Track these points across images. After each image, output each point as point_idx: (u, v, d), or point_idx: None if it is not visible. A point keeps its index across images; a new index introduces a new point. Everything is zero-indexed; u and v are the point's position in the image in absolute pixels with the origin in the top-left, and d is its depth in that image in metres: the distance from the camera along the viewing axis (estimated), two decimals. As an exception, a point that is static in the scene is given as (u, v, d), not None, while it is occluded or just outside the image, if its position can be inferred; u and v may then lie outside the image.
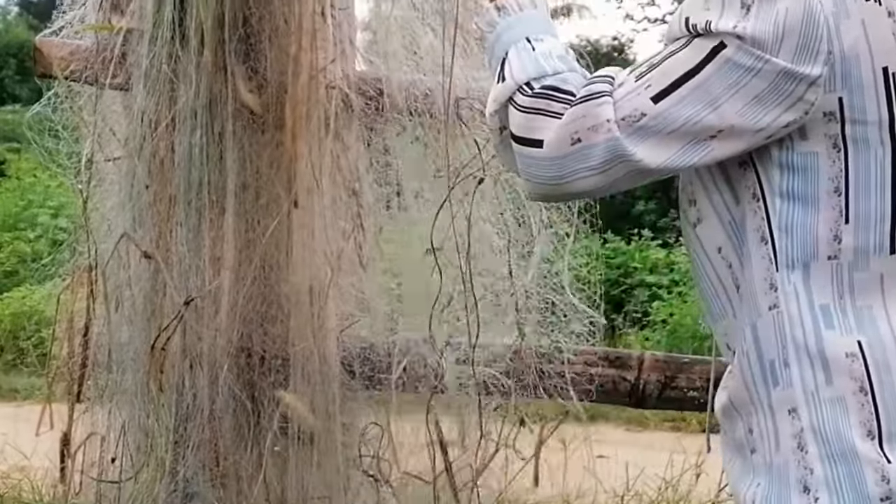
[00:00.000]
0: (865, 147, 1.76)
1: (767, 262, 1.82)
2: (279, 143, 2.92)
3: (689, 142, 1.77)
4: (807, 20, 1.71)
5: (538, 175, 1.85)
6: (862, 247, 1.78)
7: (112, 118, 3.17)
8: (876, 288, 1.80)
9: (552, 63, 1.89)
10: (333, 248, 3.03)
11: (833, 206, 1.77)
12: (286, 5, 2.86)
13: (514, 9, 2.00)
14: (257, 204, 2.96)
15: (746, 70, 1.73)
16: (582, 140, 1.78)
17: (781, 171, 1.80)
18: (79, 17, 3.13)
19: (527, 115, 1.84)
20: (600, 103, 1.78)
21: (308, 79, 2.87)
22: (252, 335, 3.04)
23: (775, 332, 1.82)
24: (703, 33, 1.75)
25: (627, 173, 1.80)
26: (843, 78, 1.73)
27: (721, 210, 1.89)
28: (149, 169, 2.98)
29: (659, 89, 1.77)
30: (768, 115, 1.75)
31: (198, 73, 2.88)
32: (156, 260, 2.98)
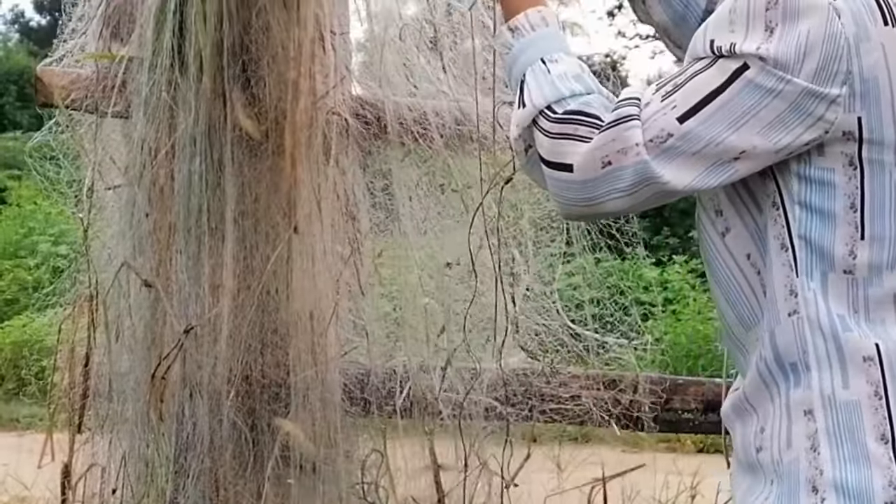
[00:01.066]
0: (881, 168, 1.79)
1: (788, 268, 1.85)
2: (279, 168, 2.92)
3: (713, 163, 1.81)
4: (828, 40, 1.74)
5: (570, 197, 1.89)
6: (876, 263, 1.81)
7: (112, 146, 3.17)
8: (889, 304, 1.83)
9: (569, 85, 1.92)
10: (333, 273, 3.02)
11: (849, 222, 1.81)
12: (285, 31, 2.86)
13: (527, 29, 2.02)
14: (257, 230, 2.95)
15: (768, 91, 1.76)
16: (612, 163, 1.82)
17: (800, 182, 1.84)
18: (79, 46, 3.13)
19: (554, 141, 1.87)
20: (629, 127, 1.81)
21: (308, 104, 2.87)
22: (252, 363, 3.03)
23: (795, 337, 1.85)
24: (727, 55, 1.78)
25: (655, 194, 1.84)
26: (863, 98, 1.76)
27: (747, 219, 1.92)
28: (149, 197, 2.98)
29: (685, 109, 1.80)
30: (789, 134, 1.78)
31: (197, 100, 2.88)
32: (156, 288, 2.98)
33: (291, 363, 3.04)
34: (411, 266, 3.25)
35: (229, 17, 2.85)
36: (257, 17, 2.88)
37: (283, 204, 2.94)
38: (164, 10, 2.89)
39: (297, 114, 2.86)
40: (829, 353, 1.81)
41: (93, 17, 3.09)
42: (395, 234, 3.25)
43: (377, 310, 3.26)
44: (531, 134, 1.92)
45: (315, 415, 3.05)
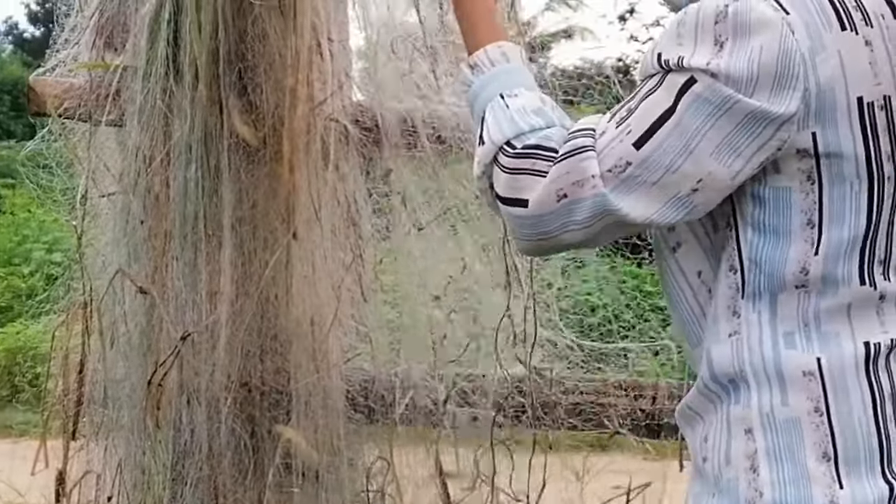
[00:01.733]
0: (840, 180, 1.75)
1: (734, 290, 1.82)
2: (277, 175, 2.91)
3: (673, 196, 1.76)
4: (782, 58, 1.70)
5: (525, 233, 1.85)
6: (830, 277, 1.77)
7: (106, 154, 3.16)
8: (843, 316, 1.79)
9: (528, 119, 1.88)
10: (335, 279, 3.02)
11: (805, 239, 1.77)
12: (282, 39, 2.86)
13: (487, 65, 1.99)
14: (255, 237, 2.95)
15: (717, 107, 1.72)
16: (568, 196, 1.78)
17: (754, 203, 1.80)
18: (72, 56, 3.12)
19: (512, 176, 1.84)
20: (584, 158, 1.77)
21: (305, 111, 2.86)
22: (252, 369, 3.03)
23: (733, 357, 1.82)
24: (675, 69, 1.74)
25: (611, 225, 1.80)
26: (818, 113, 1.72)
27: (700, 235, 1.89)
28: (144, 204, 2.97)
29: (639, 134, 1.76)
30: (740, 158, 1.74)
31: (192, 108, 2.87)
32: (152, 295, 2.97)
33: (292, 370, 3.03)
34: (415, 272, 3.24)
35: (225, 25, 2.84)
36: (253, 25, 2.88)
37: (281, 210, 2.93)
38: (158, 20, 2.88)
39: (294, 120, 2.85)
40: (768, 371, 1.79)
41: (86, 27, 3.08)
42: (397, 240, 3.24)
43: (381, 316, 3.24)
44: (492, 173, 1.88)
45: (317, 422, 3.04)
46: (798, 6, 1.72)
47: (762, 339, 1.80)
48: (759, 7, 1.72)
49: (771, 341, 1.79)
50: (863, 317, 1.79)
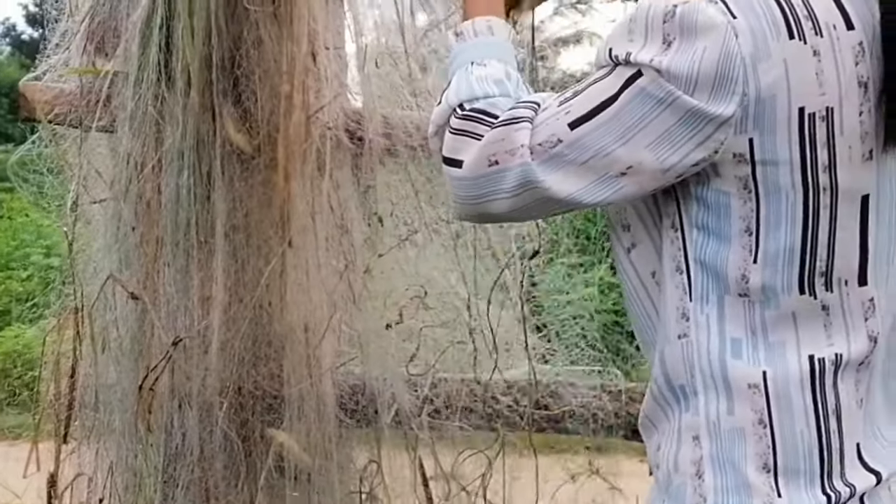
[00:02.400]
0: (776, 188, 1.75)
1: (682, 291, 1.84)
2: (271, 183, 2.91)
3: (600, 176, 1.78)
4: (723, 61, 1.71)
5: (458, 195, 1.88)
6: (770, 286, 1.78)
7: (98, 160, 3.16)
8: (789, 325, 1.80)
9: (485, 87, 1.91)
10: (328, 286, 3.02)
11: (743, 246, 1.78)
12: (278, 45, 2.85)
13: (470, 35, 2.03)
14: (248, 244, 2.95)
15: (658, 102, 1.74)
16: (499, 163, 1.81)
17: (698, 204, 1.81)
18: (63, 61, 3.12)
19: (454, 136, 1.88)
20: (519, 128, 1.80)
21: (301, 118, 2.86)
22: (245, 374, 3.03)
23: (684, 361, 1.84)
24: (623, 63, 1.76)
25: (538, 200, 1.82)
26: (756, 119, 1.72)
27: (654, 235, 1.91)
28: (135, 211, 2.97)
29: (577, 116, 1.79)
30: (676, 153, 1.75)
31: (184, 115, 2.87)
32: (143, 301, 2.97)
33: (286, 375, 3.04)
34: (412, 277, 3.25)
35: (218, 31, 2.84)
36: (248, 31, 2.87)
37: (275, 218, 2.93)
38: (149, 25, 2.88)
39: (290, 128, 2.85)
40: (716, 379, 1.80)
41: (76, 32, 3.07)
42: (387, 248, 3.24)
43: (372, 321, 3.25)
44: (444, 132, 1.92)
45: (310, 426, 3.05)
46: (747, 12, 1.73)
47: (710, 344, 1.82)
48: (707, 10, 1.73)
49: (718, 347, 1.81)
50: (809, 327, 1.80)
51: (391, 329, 3.23)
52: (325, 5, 2.99)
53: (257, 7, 2.86)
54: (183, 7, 2.84)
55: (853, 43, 1.76)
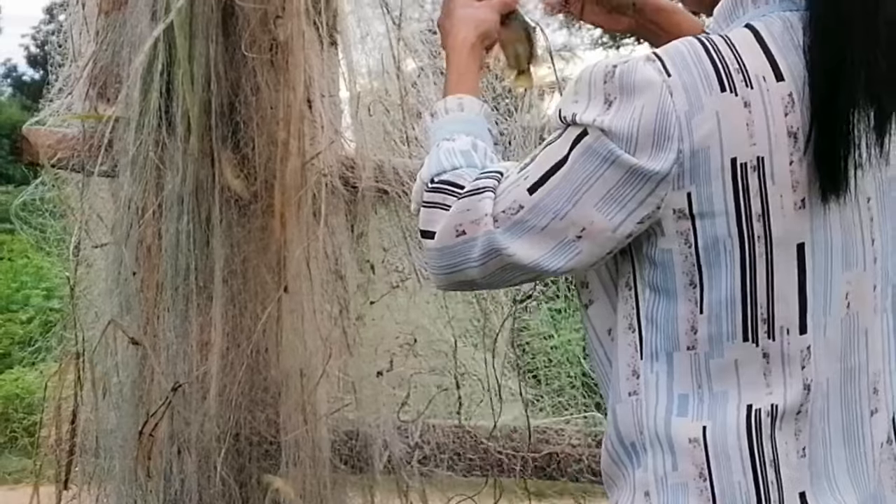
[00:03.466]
0: (714, 240, 1.78)
1: (633, 349, 1.87)
2: (268, 228, 2.93)
3: (559, 241, 1.82)
4: (659, 119, 1.74)
5: (433, 265, 1.93)
6: (716, 335, 1.80)
7: (99, 205, 3.18)
8: (731, 374, 1.82)
9: (451, 159, 1.97)
10: (323, 332, 3.03)
11: (689, 299, 1.81)
12: (274, 93, 2.88)
13: (442, 113, 2.10)
14: (246, 289, 2.96)
15: (603, 160, 1.77)
16: (466, 232, 1.86)
17: (648, 264, 1.85)
18: (65, 106, 3.14)
19: (425, 209, 1.93)
20: (482, 198, 1.85)
21: (297, 165, 2.88)
22: (242, 420, 3.04)
23: (633, 418, 1.87)
24: (571, 124, 1.81)
25: (504, 267, 1.87)
26: (692, 173, 1.75)
27: (611, 293, 1.95)
28: (136, 255, 2.99)
29: (534, 180, 1.83)
30: (622, 210, 1.79)
31: (184, 160, 2.89)
32: (143, 346, 2.98)
33: (282, 421, 3.05)
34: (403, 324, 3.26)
35: (217, 78, 2.87)
36: (246, 79, 2.90)
37: (272, 263, 2.95)
38: (151, 71, 2.90)
39: (286, 174, 2.87)
40: (660, 437, 1.83)
41: (79, 77, 3.10)
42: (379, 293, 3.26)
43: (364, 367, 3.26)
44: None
45: (305, 472, 3.05)
46: (681, 68, 1.76)
47: (658, 403, 1.84)
48: (643, 69, 1.77)
49: (665, 407, 1.84)
50: (750, 375, 1.82)
51: (383, 375, 3.24)
52: (320, 52, 3.01)
53: (255, 54, 2.89)
54: (183, 54, 2.86)
55: (783, 94, 1.78)
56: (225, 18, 2.91)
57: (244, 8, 2.89)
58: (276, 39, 2.91)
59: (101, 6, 3.05)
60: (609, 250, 1.84)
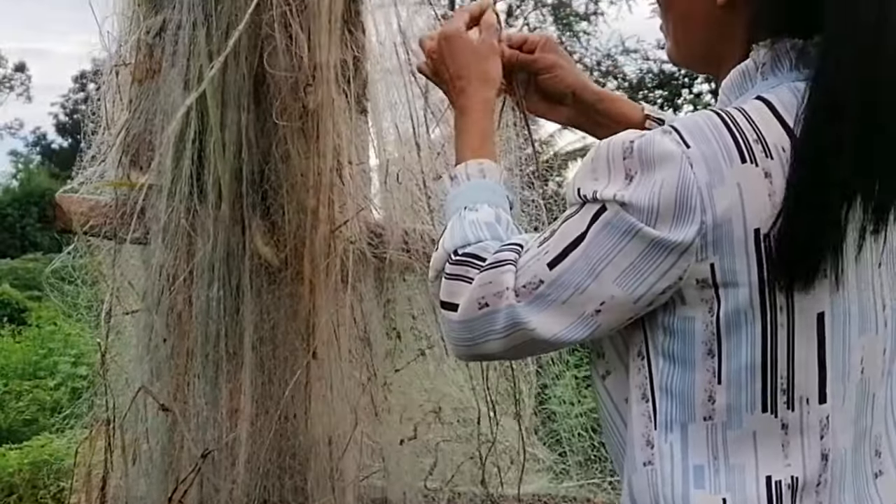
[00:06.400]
0: (736, 309, 1.77)
1: (647, 419, 1.85)
2: (297, 295, 2.94)
3: (579, 316, 1.82)
4: (681, 191, 1.73)
5: (454, 337, 1.92)
6: (735, 405, 1.79)
7: (130, 272, 3.20)
8: (749, 445, 1.81)
9: (476, 231, 1.97)
10: (351, 399, 3.03)
11: (707, 369, 1.79)
12: (304, 161, 2.90)
13: (464, 178, 2.10)
14: (275, 356, 2.97)
15: (623, 234, 1.77)
16: (489, 305, 1.86)
17: (664, 333, 1.83)
18: (98, 173, 3.17)
19: (448, 281, 1.93)
20: (504, 271, 1.85)
21: (326, 233, 2.90)
22: (271, 487, 3.03)
23: (649, 488, 1.85)
24: (591, 200, 1.80)
25: (527, 341, 1.86)
26: (715, 244, 1.75)
27: (627, 364, 1.92)
28: (166, 322, 3.00)
29: (554, 255, 1.82)
30: (643, 283, 1.78)
31: (215, 227, 2.91)
32: (173, 412, 2.99)
33: (310, 488, 3.04)
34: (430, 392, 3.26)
35: (248, 146, 2.90)
36: (277, 146, 2.92)
37: (301, 330, 2.95)
38: (183, 139, 2.93)
39: (316, 242, 2.89)
40: None
41: (112, 145, 3.13)
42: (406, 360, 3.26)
43: (393, 434, 3.25)
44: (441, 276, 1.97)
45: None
46: (699, 140, 1.76)
47: (673, 473, 1.83)
48: (662, 142, 1.76)
49: (682, 477, 1.82)
50: (768, 446, 1.80)
51: (410, 442, 3.23)
52: (349, 121, 3.03)
53: (286, 122, 2.91)
54: (215, 122, 2.89)
55: None
56: (256, 87, 2.93)
57: (275, 76, 2.92)
58: (307, 107, 2.92)
59: (135, 75, 3.08)
60: (629, 318, 1.85)
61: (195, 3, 2.90)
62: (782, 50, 1.89)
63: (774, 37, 1.89)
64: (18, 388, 12.96)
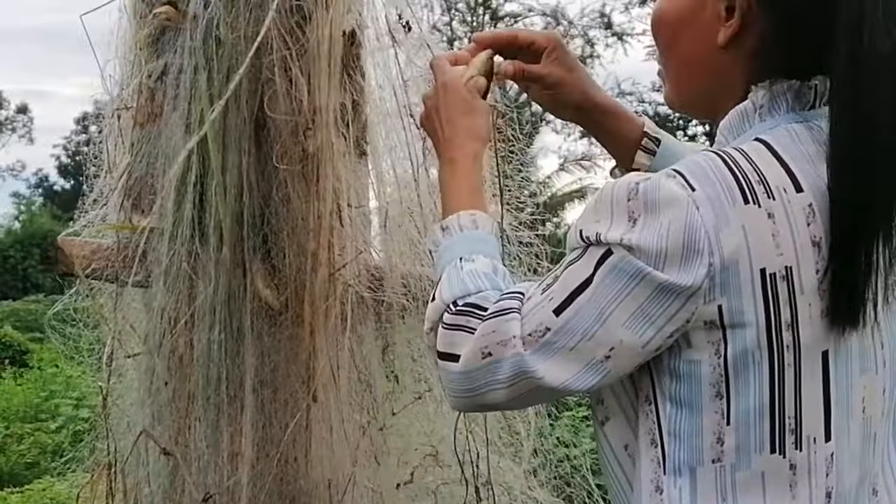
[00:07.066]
0: (744, 350, 1.78)
1: (656, 464, 1.85)
2: (298, 338, 2.94)
3: (588, 363, 1.82)
4: (688, 234, 1.75)
5: (454, 388, 1.93)
6: (744, 446, 1.80)
7: (132, 314, 3.20)
8: (757, 487, 1.81)
9: (476, 281, 1.97)
10: (351, 441, 3.03)
11: (715, 411, 1.80)
12: (304, 204, 2.91)
13: (456, 229, 2.10)
14: (275, 399, 2.97)
15: (631, 278, 1.78)
16: (492, 354, 1.85)
17: (671, 378, 1.84)
18: (100, 217, 3.18)
19: (448, 332, 1.93)
20: (508, 319, 1.85)
21: (326, 276, 2.91)
22: (271, 531, 3.03)
23: None
24: (595, 243, 1.81)
25: (532, 390, 1.86)
26: (723, 286, 1.76)
27: (627, 408, 1.92)
28: (168, 365, 3.01)
29: (560, 301, 1.83)
30: (652, 326, 1.79)
31: (217, 270, 2.92)
32: (174, 456, 2.99)
33: (310, 532, 3.04)
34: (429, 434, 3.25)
35: (249, 189, 2.91)
36: (277, 189, 2.93)
37: (301, 373, 2.96)
38: (184, 182, 2.94)
39: (316, 285, 2.90)
40: None
41: (114, 189, 3.14)
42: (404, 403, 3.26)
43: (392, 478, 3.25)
44: (438, 328, 1.97)
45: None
46: (703, 182, 1.78)
47: None
48: (667, 185, 1.78)
49: None
50: (776, 486, 1.81)
51: (408, 485, 3.22)
52: (348, 164, 3.04)
53: (286, 165, 2.92)
54: (216, 165, 2.90)
55: (803, 204, 1.81)
56: (257, 130, 2.95)
57: (275, 120, 2.93)
58: (307, 151, 2.94)
59: (137, 118, 3.09)
60: (637, 364, 1.85)
61: (196, 48, 2.91)
62: (779, 91, 1.91)
63: (773, 77, 1.91)
64: (20, 430, 12.96)
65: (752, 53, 1.92)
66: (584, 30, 32.95)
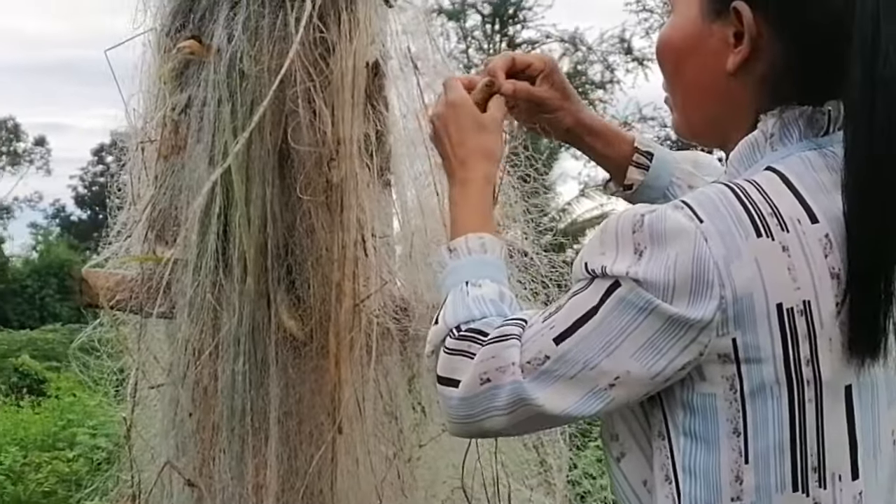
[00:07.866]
0: (761, 385, 1.75)
1: (671, 501, 1.81)
2: (322, 369, 2.94)
3: (590, 390, 1.79)
4: (697, 266, 1.72)
5: (453, 414, 1.91)
6: (764, 485, 1.76)
7: (156, 346, 3.21)
8: None
9: (481, 307, 1.96)
10: (377, 473, 3.02)
11: (733, 448, 1.76)
12: (329, 234, 2.91)
13: (464, 252, 2.08)
14: (300, 430, 2.96)
15: (639, 311, 1.75)
16: (491, 380, 1.83)
17: (684, 411, 1.80)
18: (124, 248, 3.19)
19: (449, 357, 1.91)
20: (508, 345, 1.83)
21: (351, 306, 2.90)
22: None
23: None
24: (600, 276, 1.78)
25: (532, 417, 1.83)
26: (736, 319, 1.73)
27: (643, 443, 1.89)
28: (192, 396, 3.00)
29: (561, 330, 1.80)
30: (662, 358, 1.76)
31: (241, 301, 2.92)
32: (199, 488, 2.98)
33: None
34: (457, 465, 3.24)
35: (273, 220, 2.91)
36: (301, 220, 2.93)
37: (326, 404, 2.95)
38: (208, 214, 2.94)
39: (340, 315, 2.90)
40: None
41: (138, 221, 3.15)
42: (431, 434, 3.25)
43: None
44: (440, 351, 1.96)
45: None
46: (712, 214, 1.75)
47: None
48: (673, 216, 1.76)
49: None
50: None
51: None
52: (372, 194, 3.04)
53: (310, 196, 2.92)
54: (240, 196, 2.90)
55: (819, 236, 1.78)
56: (281, 162, 2.95)
57: (299, 151, 2.94)
58: (330, 181, 2.94)
59: (161, 151, 3.10)
60: (645, 394, 1.83)
61: (220, 81, 2.92)
62: (791, 119, 1.88)
63: (783, 104, 1.88)
64: (38, 459, 12.97)
65: (762, 79, 1.89)
66: (603, 55, 32.95)
